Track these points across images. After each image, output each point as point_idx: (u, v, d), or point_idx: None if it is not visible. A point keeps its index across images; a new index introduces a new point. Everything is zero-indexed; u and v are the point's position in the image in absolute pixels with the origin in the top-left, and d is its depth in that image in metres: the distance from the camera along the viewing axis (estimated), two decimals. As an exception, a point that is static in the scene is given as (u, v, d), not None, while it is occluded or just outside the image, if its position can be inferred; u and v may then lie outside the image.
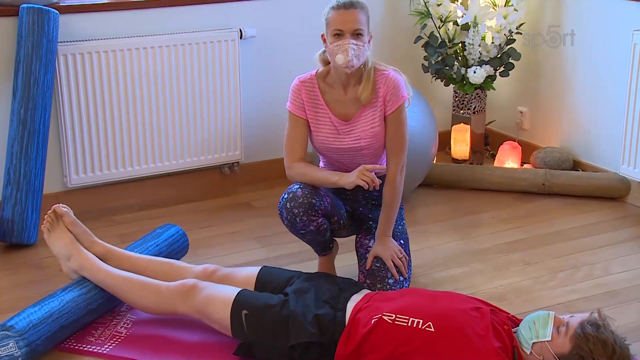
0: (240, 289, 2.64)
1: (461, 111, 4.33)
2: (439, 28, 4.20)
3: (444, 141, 4.44)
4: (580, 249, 3.41)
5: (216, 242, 3.51)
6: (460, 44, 4.20)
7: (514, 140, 4.35)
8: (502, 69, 4.22)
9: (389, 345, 2.40)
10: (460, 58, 4.22)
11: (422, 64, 4.29)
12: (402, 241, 2.99)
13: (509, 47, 4.17)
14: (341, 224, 2.96)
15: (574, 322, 2.37)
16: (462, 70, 4.18)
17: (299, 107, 2.91)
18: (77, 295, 2.70)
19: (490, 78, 4.21)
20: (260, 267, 2.85)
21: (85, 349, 2.66)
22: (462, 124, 4.33)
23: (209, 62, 3.84)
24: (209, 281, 2.74)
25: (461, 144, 4.35)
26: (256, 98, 4.06)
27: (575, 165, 4.15)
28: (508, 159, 4.21)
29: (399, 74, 2.90)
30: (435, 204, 3.91)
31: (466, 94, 4.28)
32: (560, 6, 4.10)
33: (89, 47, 3.59)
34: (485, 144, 4.50)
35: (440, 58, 4.20)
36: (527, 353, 2.38)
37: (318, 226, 2.83)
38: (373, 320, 2.45)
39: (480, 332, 2.39)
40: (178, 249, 3.17)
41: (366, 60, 2.86)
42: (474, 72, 4.12)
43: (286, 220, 2.82)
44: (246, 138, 4.06)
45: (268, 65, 4.05)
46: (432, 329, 2.40)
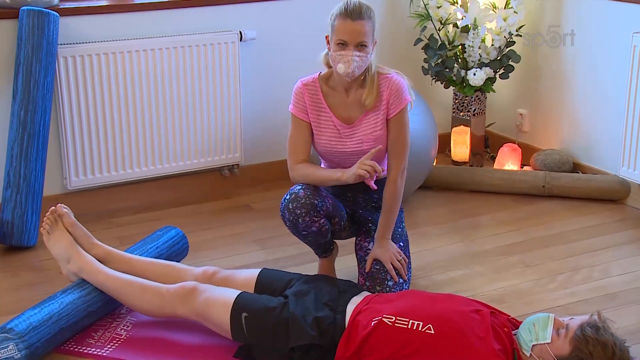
0: (240, 292, 2.64)
1: (461, 113, 4.34)
2: (439, 30, 4.20)
3: (444, 143, 4.44)
4: (580, 251, 3.41)
5: (216, 244, 3.50)
6: (460, 46, 4.20)
7: (514, 143, 4.35)
8: (502, 71, 4.22)
9: (389, 348, 2.40)
10: (460, 60, 4.22)
11: (422, 66, 4.29)
12: (401, 243, 2.99)
13: (508, 49, 4.17)
14: (342, 225, 2.96)
15: (573, 324, 2.37)
16: (462, 72, 4.18)
17: (302, 109, 2.90)
18: (77, 298, 2.70)
19: (490, 80, 4.21)
20: (260, 270, 2.84)
21: (85, 351, 2.66)
22: (462, 126, 4.33)
23: (209, 65, 3.84)
24: (209, 283, 2.74)
25: (461, 146, 4.35)
26: (256, 100, 4.06)
27: (575, 168, 4.15)
28: (508, 161, 4.21)
29: (402, 77, 2.90)
30: (435, 206, 3.91)
31: (466, 96, 4.28)
32: (559, 8, 4.10)
33: (89, 50, 3.59)
34: (485, 146, 4.50)
35: (440, 60, 4.20)
36: (527, 355, 2.38)
37: (320, 227, 2.83)
38: (373, 323, 2.45)
39: (480, 335, 2.39)
40: (178, 251, 3.17)
41: (370, 65, 2.86)
42: (474, 74, 4.12)
43: (288, 222, 2.82)
44: (246, 140, 4.06)
45: (268, 67, 4.05)
46: (432, 331, 2.40)
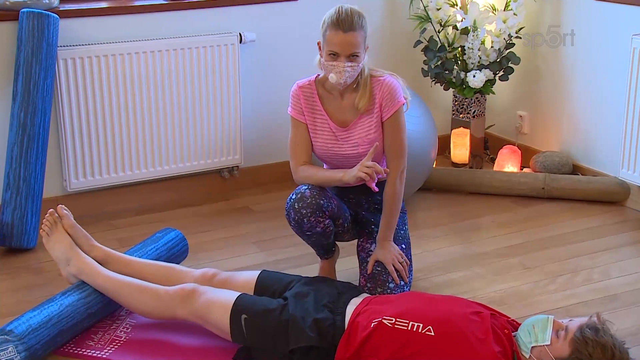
0: (240, 293, 2.64)
1: (461, 115, 4.34)
2: (439, 32, 4.21)
3: (444, 145, 4.44)
4: (580, 253, 3.41)
5: (216, 246, 3.50)
6: (459, 48, 4.20)
7: (514, 144, 4.35)
8: (501, 73, 4.22)
9: (388, 349, 2.40)
10: (459, 62, 4.22)
11: (422, 68, 4.29)
12: (403, 245, 2.98)
13: (508, 51, 4.17)
14: (345, 227, 2.96)
15: (573, 326, 2.37)
16: (462, 74, 4.18)
17: (300, 111, 2.90)
18: (76, 300, 2.70)
19: (490, 82, 4.21)
20: (259, 271, 2.84)
21: (84, 353, 2.66)
22: (461, 128, 4.33)
23: (209, 67, 3.84)
24: (209, 285, 2.74)
25: (461, 148, 4.35)
26: (256, 102, 4.06)
27: (575, 169, 4.15)
28: (507, 163, 4.21)
29: (396, 79, 2.89)
30: (435, 208, 3.91)
31: (466, 98, 4.28)
32: (559, 10, 4.10)
33: (89, 52, 3.60)
34: (485, 148, 4.50)
35: (439, 62, 4.20)
36: (526, 357, 2.38)
37: (324, 228, 2.83)
38: (373, 324, 2.45)
39: (480, 336, 2.39)
40: (177, 253, 3.17)
41: (363, 68, 2.85)
42: (474, 76, 4.12)
43: (293, 221, 2.82)
44: (246, 142, 4.06)
45: (267, 69, 4.05)
46: (432, 333, 2.40)
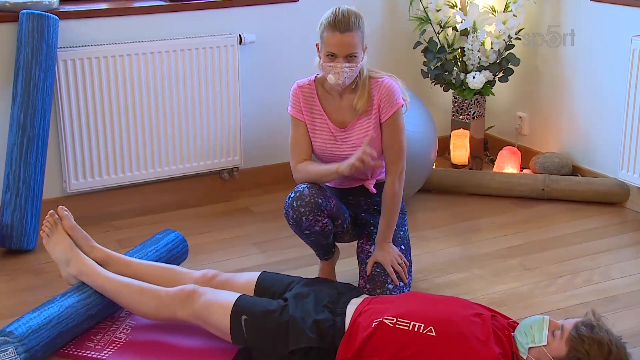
0: (240, 295, 2.64)
1: (460, 116, 4.34)
2: (438, 33, 4.21)
3: (444, 146, 4.44)
4: (580, 254, 3.41)
5: (215, 247, 3.50)
6: (459, 50, 4.20)
7: (513, 146, 4.35)
8: (501, 74, 4.22)
9: (389, 349, 2.40)
10: (459, 63, 4.22)
11: (422, 70, 4.29)
12: (403, 247, 2.98)
13: (508, 52, 4.17)
14: (344, 227, 2.96)
15: (568, 324, 2.37)
16: (462, 75, 4.18)
17: (299, 110, 2.91)
18: (76, 301, 2.70)
19: (490, 83, 4.21)
20: (259, 273, 2.84)
21: (84, 354, 2.66)
22: (461, 129, 4.33)
23: (208, 68, 3.84)
24: (209, 286, 2.74)
25: (460, 149, 4.35)
26: (255, 103, 4.06)
27: (575, 171, 4.15)
28: (507, 164, 4.21)
29: (395, 80, 2.89)
30: (435, 209, 3.91)
31: (465, 100, 4.28)
32: (558, 11, 4.10)
33: (89, 53, 3.60)
34: (485, 150, 4.50)
35: (439, 63, 4.20)
36: (524, 358, 2.38)
37: (323, 227, 2.83)
38: (374, 324, 2.45)
39: (481, 338, 2.39)
40: (177, 254, 3.17)
41: (361, 69, 2.86)
42: (473, 77, 4.12)
43: (292, 220, 2.81)
44: (245, 143, 4.06)
45: (267, 70, 4.05)
46: (434, 334, 2.40)
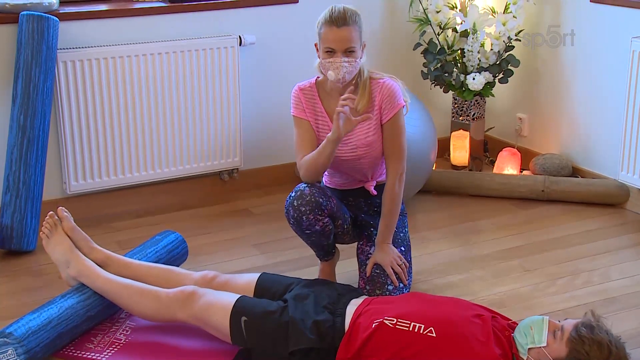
0: (240, 296, 2.64)
1: (460, 118, 4.34)
2: (438, 35, 4.21)
3: (443, 148, 4.44)
4: (580, 255, 3.41)
5: (215, 248, 3.50)
6: (459, 51, 4.20)
7: (513, 147, 4.35)
8: (501, 75, 4.22)
9: (390, 349, 2.40)
10: (459, 65, 4.22)
11: (421, 71, 4.29)
12: (403, 248, 2.98)
13: (508, 53, 4.17)
14: (345, 228, 2.96)
15: (568, 325, 2.37)
16: (461, 76, 4.18)
17: (302, 110, 2.91)
18: (76, 302, 2.70)
19: (490, 85, 4.21)
20: (259, 274, 2.84)
21: (84, 355, 2.66)
22: (461, 130, 4.33)
23: (208, 69, 3.84)
24: (208, 288, 2.74)
25: (460, 150, 4.35)
26: (255, 105, 4.06)
27: (575, 172, 4.15)
28: (507, 166, 4.21)
29: (395, 81, 2.89)
30: (435, 210, 3.91)
31: (465, 101, 4.28)
32: (558, 12, 4.10)
33: (89, 54, 3.60)
34: (485, 151, 4.50)
35: (439, 65, 4.20)
36: (524, 359, 2.38)
37: (323, 227, 2.83)
38: (374, 324, 2.45)
39: (482, 339, 2.39)
40: (177, 255, 3.17)
41: (362, 70, 2.87)
42: (473, 78, 4.12)
43: (292, 219, 2.81)
44: (245, 144, 4.06)
45: (267, 72, 4.05)
46: (434, 334, 2.40)
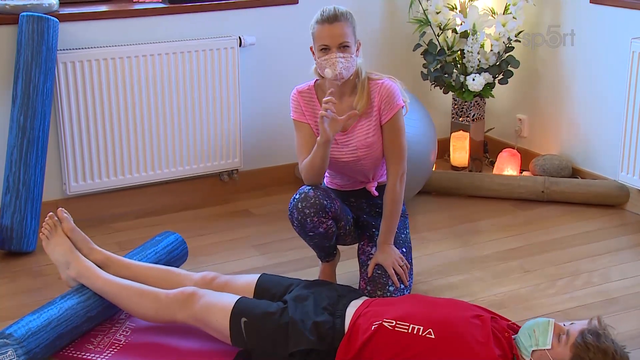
0: (239, 297, 2.64)
1: (460, 118, 4.34)
2: (438, 36, 4.21)
3: (443, 148, 4.44)
4: (580, 256, 3.41)
5: (215, 249, 3.50)
6: (459, 52, 4.20)
7: (513, 148, 4.35)
8: (501, 76, 4.22)
9: (389, 352, 2.40)
10: (459, 66, 4.22)
11: (421, 72, 4.29)
12: (404, 249, 2.98)
13: (507, 54, 4.17)
14: (347, 229, 2.96)
15: (574, 330, 2.36)
16: (461, 77, 4.18)
17: (301, 113, 2.91)
18: (76, 303, 2.70)
19: (489, 85, 4.21)
20: (259, 275, 2.84)
21: (84, 356, 2.65)
22: (461, 131, 4.34)
23: (208, 70, 3.84)
24: (208, 288, 2.74)
25: (460, 151, 4.35)
26: (255, 105, 4.06)
27: (574, 173, 4.15)
28: (507, 167, 4.21)
29: (394, 82, 2.90)
30: (434, 211, 3.91)
31: (465, 102, 4.29)
32: (558, 13, 4.10)
33: (89, 55, 3.60)
34: (485, 152, 4.50)
35: (439, 66, 4.20)
36: (527, 361, 2.39)
37: (327, 229, 2.83)
38: (373, 327, 2.45)
39: (481, 340, 2.38)
40: (177, 256, 3.17)
41: (360, 71, 2.87)
42: (473, 79, 4.12)
43: (296, 221, 2.81)
44: (245, 145, 4.06)
45: (267, 72, 4.05)
46: (433, 336, 2.40)
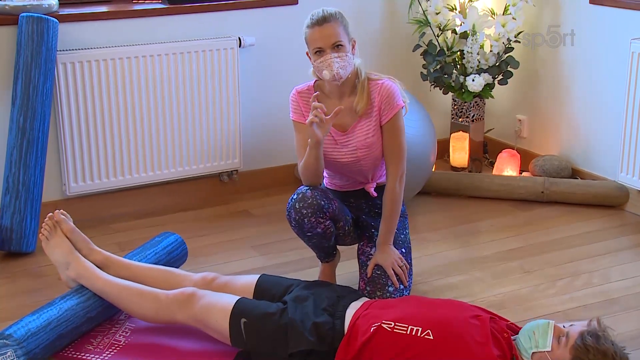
0: (239, 297, 2.64)
1: (460, 119, 4.34)
2: (438, 36, 4.21)
3: (443, 149, 4.44)
4: (579, 256, 3.41)
5: (215, 250, 3.50)
6: (458, 52, 4.20)
7: (513, 148, 4.35)
8: (500, 77, 4.22)
9: (388, 353, 2.40)
10: (458, 66, 4.22)
11: (421, 72, 4.30)
12: (403, 250, 2.98)
13: (507, 55, 4.17)
14: (346, 229, 2.96)
15: (574, 332, 2.36)
16: (461, 78, 4.18)
17: (300, 114, 2.91)
18: (75, 304, 2.70)
19: (489, 86, 4.21)
20: (259, 275, 2.84)
21: (83, 357, 2.65)
22: (460, 132, 4.34)
23: (208, 71, 3.84)
24: (208, 289, 2.74)
25: (460, 152, 4.35)
26: (255, 106, 4.06)
27: (574, 173, 4.15)
28: (507, 167, 4.21)
29: (394, 82, 2.90)
30: (434, 211, 3.91)
31: (465, 102, 4.29)
32: (558, 14, 4.10)
33: (88, 56, 3.60)
34: (484, 152, 4.50)
35: (438, 66, 4.20)
36: (527, 363, 2.39)
37: (325, 229, 2.83)
38: (372, 328, 2.45)
39: (480, 340, 2.38)
40: (177, 257, 3.17)
41: (359, 71, 2.87)
42: (473, 80, 4.12)
43: (294, 221, 2.81)
44: (245, 146, 4.06)
45: (267, 73, 4.05)
46: (431, 337, 2.39)
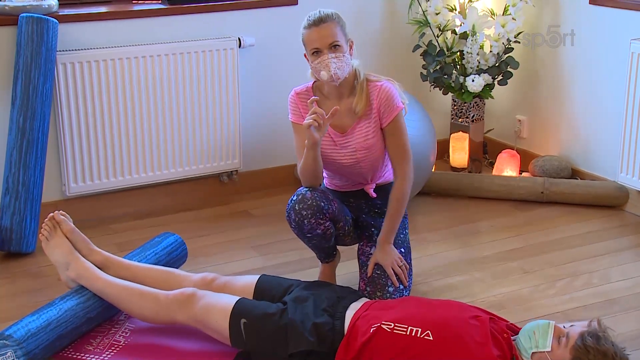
0: (239, 298, 2.64)
1: (460, 119, 4.34)
2: (438, 37, 4.21)
3: (443, 149, 4.44)
4: (579, 257, 3.41)
5: (215, 250, 3.50)
6: (458, 53, 4.20)
7: (513, 149, 4.36)
8: (500, 77, 4.22)
9: (387, 354, 2.40)
10: (458, 67, 4.23)
11: (421, 73, 4.30)
12: (402, 250, 2.98)
13: (507, 55, 4.17)
14: (346, 230, 2.96)
15: (574, 332, 2.36)
16: (461, 78, 4.19)
17: (300, 116, 2.90)
18: (75, 304, 2.70)
19: (489, 86, 4.21)
20: (258, 276, 2.84)
21: (83, 357, 2.65)
22: (460, 132, 4.34)
23: (208, 71, 3.84)
24: (208, 290, 2.74)
25: (460, 152, 4.35)
26: (255, 106, 4.06)
27: (574, 174, 4.15)
28: (507, 167, 4.21)
29: (392, 84, 2.89)
30: (434, 212, 3.91)
31: (465, 103, 4.29)
32: (558, 14, 4.11)
33: (88, 56, 3.60)
34: (484, 153, 4.51)
35: (438, 67, 4.20)
36: (527, 363, 2.39)
37: (325, 230, 2.83)
38: (372, 329, 2.45)
39: (479, 341, 2.38)
40: (176, 257, 3.17)
41: (358, 73, 2.87)
42: (473, 80, 4.12)
43: (294, 222, 2.81)
44: (245, 146, 4.06)
45: (267, 73, 4.05)
46: (431, 338, 2.39)
